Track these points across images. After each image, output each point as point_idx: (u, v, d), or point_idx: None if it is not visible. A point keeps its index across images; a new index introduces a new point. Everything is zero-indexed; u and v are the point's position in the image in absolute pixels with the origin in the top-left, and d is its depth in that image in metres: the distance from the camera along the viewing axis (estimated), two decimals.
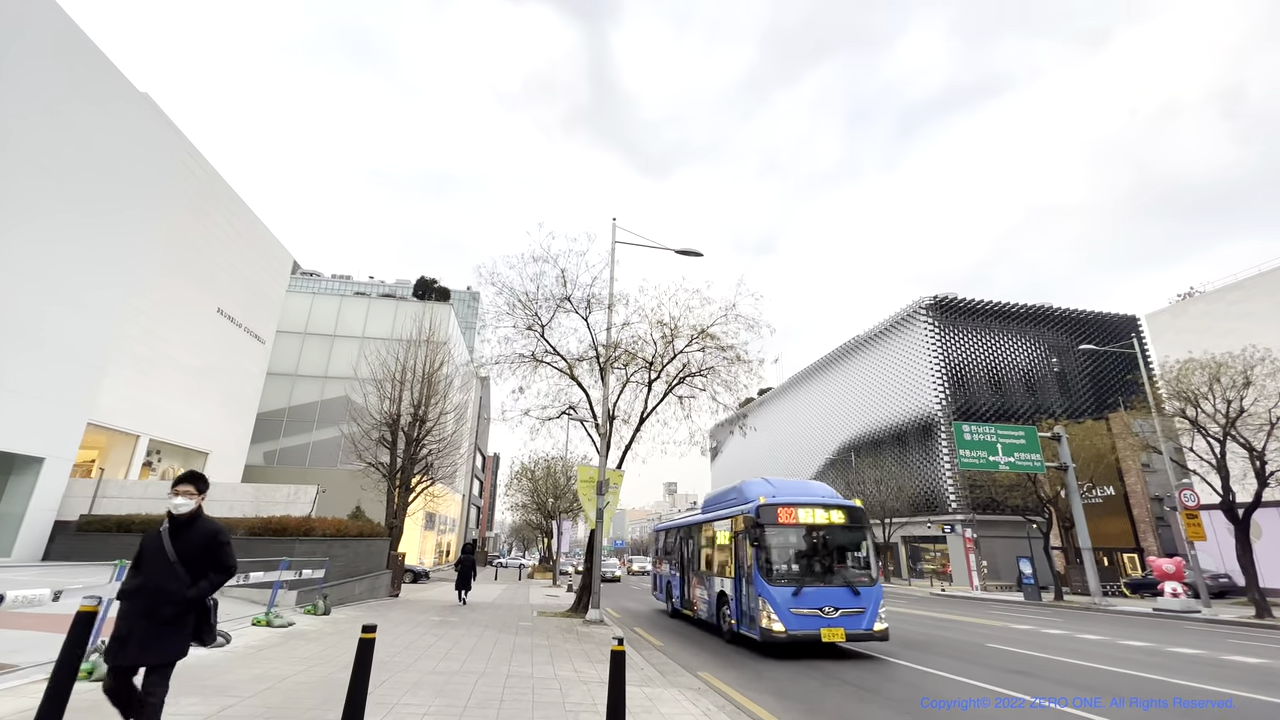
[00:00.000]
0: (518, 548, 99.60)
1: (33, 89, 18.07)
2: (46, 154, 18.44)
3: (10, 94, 17.35)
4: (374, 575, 16.08)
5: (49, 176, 18.49)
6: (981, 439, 25.29)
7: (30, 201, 17.95)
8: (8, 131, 17.28)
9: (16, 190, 17.53)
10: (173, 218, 24.84)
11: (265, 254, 32.97)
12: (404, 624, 10.92)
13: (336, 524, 13.17)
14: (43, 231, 18.35)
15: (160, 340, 24.73)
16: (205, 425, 28.08)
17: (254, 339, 32.19)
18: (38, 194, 18.16)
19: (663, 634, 12.65)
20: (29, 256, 17.91)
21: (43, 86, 18.39)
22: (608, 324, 14.20)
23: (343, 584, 13.43)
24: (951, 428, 47.41)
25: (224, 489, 19.34)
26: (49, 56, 18.67)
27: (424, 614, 13.06)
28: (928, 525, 44.63)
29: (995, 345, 50.73)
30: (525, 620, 13.01)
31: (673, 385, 14.70)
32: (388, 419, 20.60)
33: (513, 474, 39.11)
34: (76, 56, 19.73)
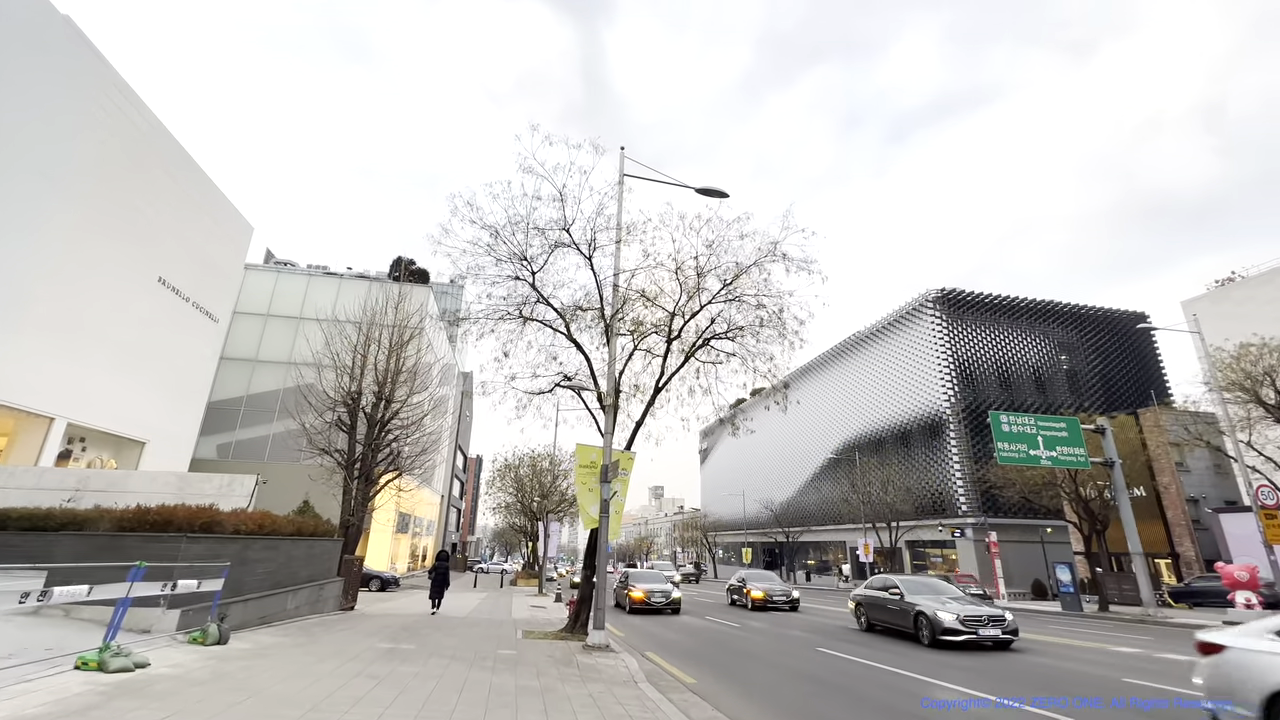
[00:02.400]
0: (500, 552, 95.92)
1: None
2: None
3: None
4: (318, 585, 12.88)
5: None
6: (1021, 431, 22.69)
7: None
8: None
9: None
10: (100, 167, 21.38)
11: (220, 222, 29.46)
12: (337, 655, 7.79)
13: (257, 518, 10.01)
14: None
15: (83, 307, 21.19)
16: (142, 410, 24.48)
17: (205, 316, 28.65)
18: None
19: (687, 662, 9.66)
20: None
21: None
22: (615, 268, 11.21)
23: (267, 597, 10.24)
24: (960, 425, 45.36)
25: (141, 478, 16.03)
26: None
27: (373, 636, 9.91)
28: (939, 529, 42.12)
29: (1003, 341, 48.61)
30: (507, 644, 9.92)
31: (696, 347, 11.73)
32: (345, 399, 17.39)
33: (495, 471, 35.87)
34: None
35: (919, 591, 12.99)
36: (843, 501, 48.04)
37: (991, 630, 11.34)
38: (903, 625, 12.84)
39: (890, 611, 13.42)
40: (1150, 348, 51.40)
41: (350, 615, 13.67)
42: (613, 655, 9.41)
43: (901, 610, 12.86)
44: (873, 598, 14.37)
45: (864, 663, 9.87)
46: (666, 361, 11.73)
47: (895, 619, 13.21)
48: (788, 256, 10.71)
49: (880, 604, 13.94)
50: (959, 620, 11.28)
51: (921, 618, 11.87)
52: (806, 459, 64.58)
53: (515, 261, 12.17)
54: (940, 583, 14.04)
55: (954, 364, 46.00)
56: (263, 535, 10.15)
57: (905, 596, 12.89)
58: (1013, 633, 11.50)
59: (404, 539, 39.80)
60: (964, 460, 43.40)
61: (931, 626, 11.47)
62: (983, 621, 11.38)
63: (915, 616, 12.16)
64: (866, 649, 11.46)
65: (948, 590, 13.35)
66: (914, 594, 12.82)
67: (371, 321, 18.56)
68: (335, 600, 14.13)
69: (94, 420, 22.23)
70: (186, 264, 26.87)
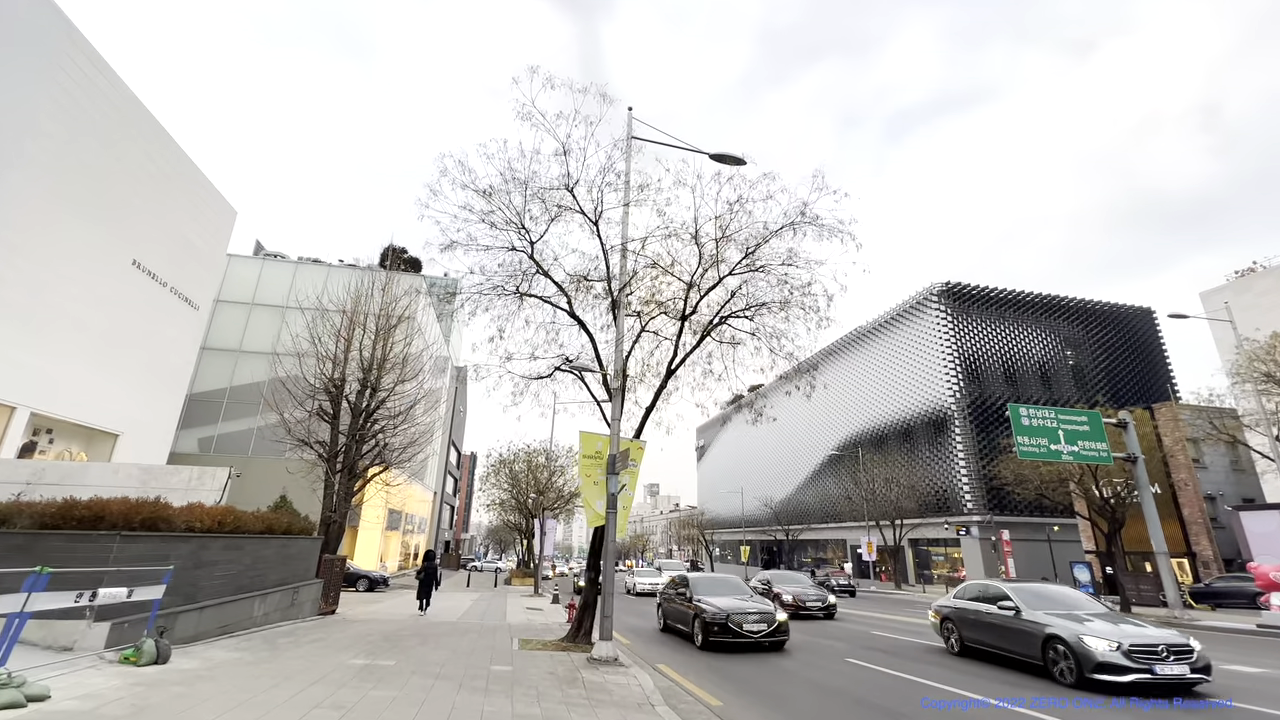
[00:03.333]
0: (494, 550, 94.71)
1: None
2: None
3: None
4: (293, 588, 11.65)
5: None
6: (1042, 424, 21.64)
7: None
8: None
9: None
10: (68, 139, 20.00)
11: (200, 204, 28.06)
12: (301, 676, 6.59)
13: (216, 514, 8.78)
14: None
15: (49, 290, 19.82)
16: (115, 401, 23.11)
17: (184, 303, 27.27)
18: None
19: (708, 678, 8.50)
20: None
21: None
22: (623, 236, 10.01)
23: (228, 604, 9.02)
24: (965, 421, 44.42)
25: (101, 470, 14.76)
26: None
27: (348, 649, 8.70)
28: (945, 527, 41.15)
29: (1009, 336, 47.70)
30: (501, 657, 8.74)
31: (712, 325, 10.55)
32: (328, 386, 16.14)
33: (489, 466, 34.66)
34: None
35: (1043, 604, 9.58)
36: (845, 499, 47.13)
37: (1174, 666, 7.83)
38: (1022, 653, 9.38)
39: (1000, 632, 9.93)
40: (1156, 343, 50.65)
41: (329, 621, 12.46)
42: (622, 670, 8.24)
43: (1021, 633, 9.38)
44: (971, 612, 10.84)
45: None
46: (680, 341, 10.56)
47: (1009, 643, 9.70)
48: (819, 220, 9.52)
49: (982, 621, 10.46)
50: (1122, 651, 7.97)
51: (1057, 646, 8.59)
52: (806, 456, 63.62)
53: (512, 230, 10.97)
54: (1071, 592, 10.42)
55: (959, 359, 45.05)
56: (223, 533, 8.91)
57: (1023, 613, 9.44)
58: (1204, 670, 7.97)
59: (395, 536, 38.52)
60: (969, 457, 42.48)
61: (1076, 659, 8.24)
62: (1159, 653, 7.96)
63: (1045, 643, 8.83)
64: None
65: (1083, 602, 9.89)
66: (1036, 608, 9.44)
67: (357, 304, 17.32)
68: (313, 604, 12.91)
69: (61, 410, 20.87)
70: (164, 247, 25.50)
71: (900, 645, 12.55)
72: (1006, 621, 9.78)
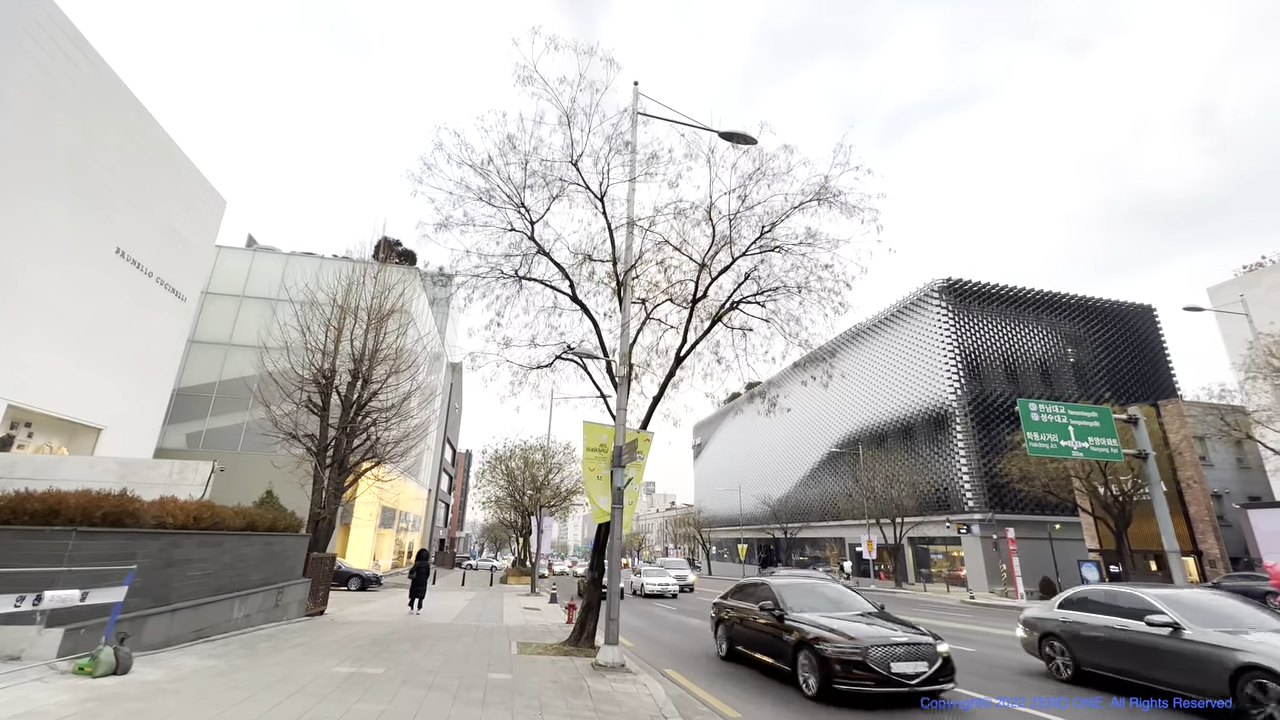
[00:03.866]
0: (489, 549, 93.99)
1: None
2: None
3: None
4: (277, 588, 10.99)
5: None
6: (1052, 420, 21.09)
7: None
8: None
9: None
10: (40, 116, 19.19)
11: (186, 192, 27.25)
12: (278, 687, 5.95)
13: (191, 509, 8.12)
14: None
15: (26, 277, 19.02)
16: (98, 394, 22.31)
17: (171, 294, 26.46)
18: None
19: (720, 684, 7.91)
20: None
21: None
22: (629, 215, 9.38)
23: (204, 606, 8.37)
24: (966, 419, 44.02)
25: (76, 463, 14.02)
26: None
27: (334, 654, 8.06)
28: (946, 525, 40.72)
29: (1010, 333, 47.31)
30: (499, 663, 8.12)
31: (724, 310, 9.93)
32: (317, 376, 15.46)
33: (485, 463, 33.98)
34: None
35: (1211, 619, 7.21)
36: (846, 497, 46.66)
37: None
38: (1187, 685, 6.91)
39: (1147, 656, 7.41)
40: (1157, 341, 50.41)
41: (316, 623, 11.80)
42: (630, 678, 7.64)
43: (1186, 657, 6.94)
44: (1092, 628, 8.22)
45: None
46: (689, 328, 9.95)
47: (1165, 672, 7.21)
48: (841, 196, 8.88)
49: (1115, 640, 7.87)
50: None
51: (1260, 680, 6.14)
52: (805, 453, 63.17)
53: (511, 209, 10.32)
54: (1231, 601, 7.86)
55: (960, 355, 44.63)
56: (199, 530, 8.26)
57: (1187, 631, 7.04)
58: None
59: (388, 534, 37.79)
60: (971, 454, 42.07)
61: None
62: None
63: (1237, 675, 6.33)
64: None
65: (1252, 615, 7.51)
66: (1204, 624, 7.09)
67: (348, 293, 16.63)
68: (300, 605, 12.25)
69: (39, 403, 20.06)
70: (149, 235, 24.69)
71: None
72: (1158, 642, 7.32)
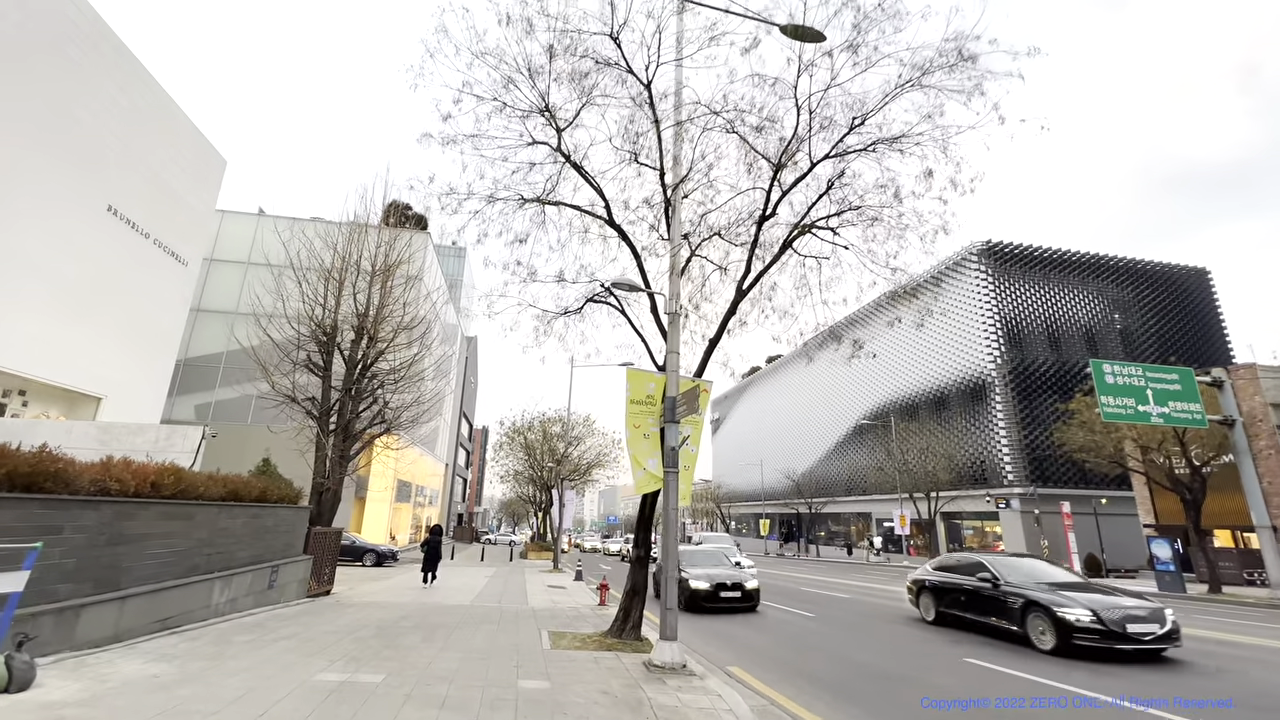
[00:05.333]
0: (507, 523, 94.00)
1: None
2: None
3: None
4: (269, 567, 9.53)
5: None
6: (1128, 383, 19.10)
7: None
8: None
9: None
10: (18, 58, 17.58)
11: (184, 149, 25.67)
12: (238, 705, 4.38)
13: (148, 473, 6.58)
14: None
15: (9, 233, 17.65)
16: (96, 361, 21.09)
17: (171, 257, 25.07)
18: None
19: (799, 687, 6.27)
20: None
21: None
22: (677, 96, 7.49)
23: (170, 590, 6.88)
24: (1006, 388, 41.74)
25: (52, 428, 12.71)
26: None
27: (325, 651, 6.54)
28: (986, 499, 38.84)
29: (1053, 298, 44.59)
30: (530, 663, 6.53)
31: (801, 229, 8.04)
32: (317, 333, 13.89)
33: (503, 434, 32.65)
34: None
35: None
36: (877, 470, 44.81)
37: None
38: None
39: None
40: (1211, 306, 47.37)
41: (318, 605, 10.38)
42: (697, 683, 6.02)
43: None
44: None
45: None
46: (753, 254, 8.07)
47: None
48: (981, 65, 6.71)
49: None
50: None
51: None
52: (829, 427, 61.26)
53: (534, 115, 8.47)
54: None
55: (1000, 322, 42.15)
56: (158, 499, 6.71)
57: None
58: None
59: (405, 509, 36.85)
60: (1011, 426, 39.93)
61: None
62: None
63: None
64: None
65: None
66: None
67: (350, 241, 14.96)
68: (300, 585, 10.84)
69: (30, 369, 18.81)
70: (143, 193, 23.17)
71: None
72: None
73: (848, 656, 8.07)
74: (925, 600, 11.35)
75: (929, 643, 9.20)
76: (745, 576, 12.76)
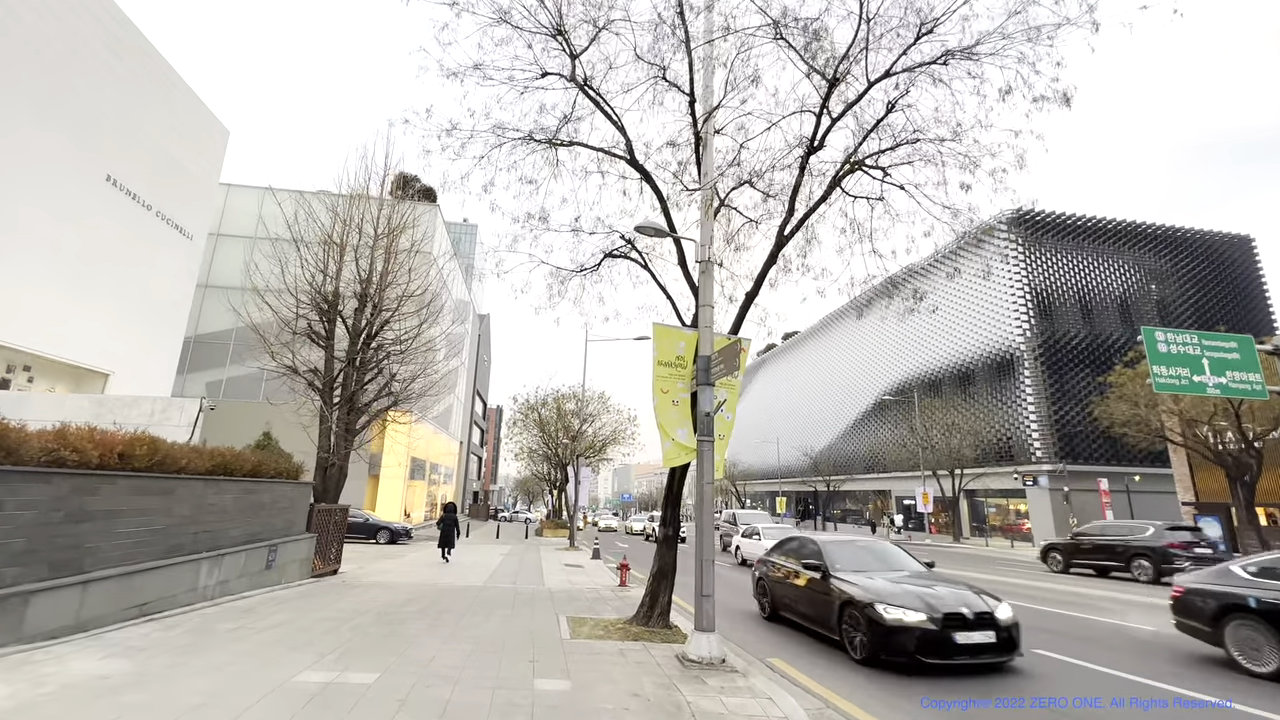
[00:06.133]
0: (522, 501, 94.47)
1: None
2: None
3: None
4: (266, 546, 8.86)
5: None
6: (1182, 351, 17.77)
7: None
8: None
9: None
10: (12, 20, 16.75)
11: (185, 120, 24.86)
12: (196, 711, 3.60)
13: (113, 442, 5.84)
14: None
15: (5, 203, 17.02)
16: (100, 336, 20.59)
17: (174, 230, 24.43)
18: None
19: (852, 685, 5.44)
20: None
21: None
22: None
23: (149, 572, 6.19)
24: (1036, 361, 40.22)
25: (44, 401, 12.17)
26: None
27: (316, 643, 5.81)
28: (1014, 477, 37.69)
29: (1084, 268, 42.71)
30: (547, 655, 5.75)
31: (843, 172, 6.99)
32: (317, 301, 13.11)
33: (517, 410, 32.03)
34: None
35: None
36: (899, 447, 43.66)
37: None
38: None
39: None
40: (1254, 275, 45.13)
41: (322, 586, 9.74)
42: (739, 680, 5.20)
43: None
44: None
45: None
46: (796, 194, 7.04)
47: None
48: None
49: None
50: None
51: None
52: (847, 404, 60.09)
53: (544, 39, 7.44)
54: None
55: (1030, 293, 40.49)
56: (128, 472, 5.97)
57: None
58: None
59: (420, 486, 36.58)
60: (1040, 400, 38.56)
61: None
62: None
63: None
64: None
65: None
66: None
67: (351, 204, 14.09)
68: (303, 565, 10.20)
69: (38, 344, 18.34)
70: (143, 164, 22.45)
71: None
72: None
73: None
74: None
75: None
76: (990, 602, 6.29)
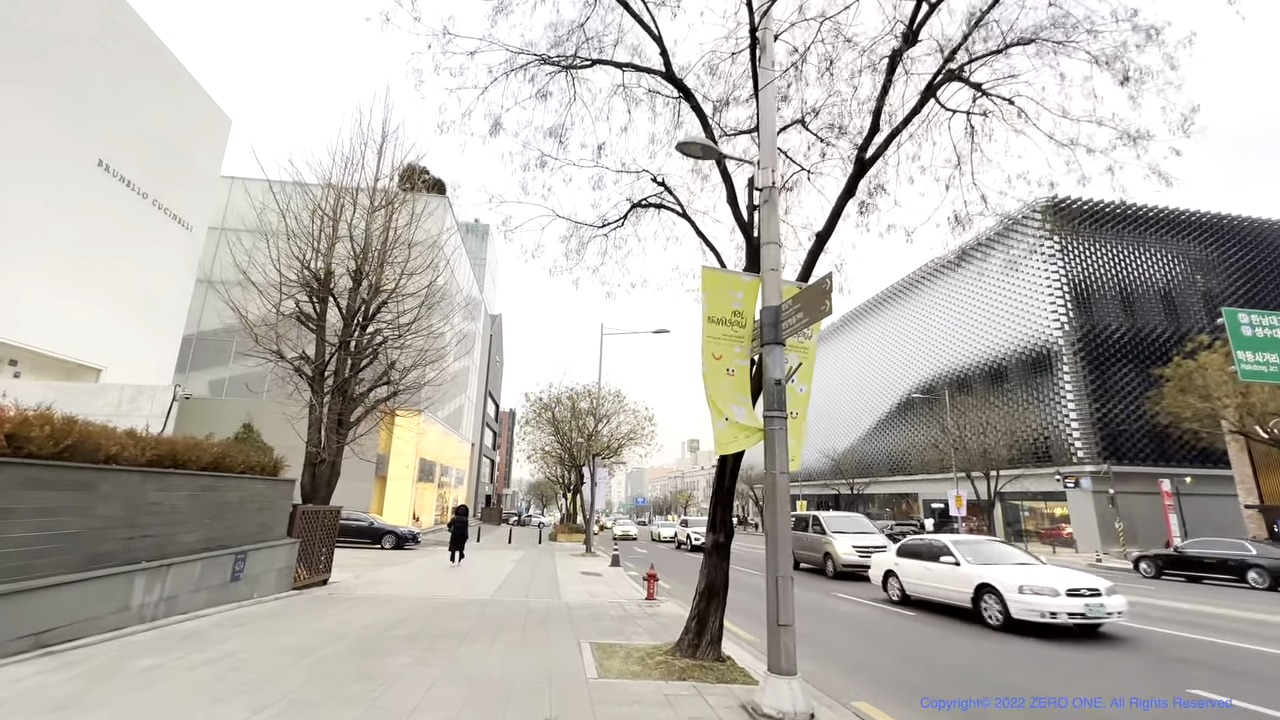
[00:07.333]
0: (536, 505, 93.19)
1: None
2: None
3: None
4: (233, 554, 7.44)
5: None
6: (1270, 335, 15.92)
7: None
8: None
9: None
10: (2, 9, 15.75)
11: (185, 107, 23.87)
12: None
13: (10, 423, 4.46)
14: None
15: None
16: (93, 330, 19.45)
17: (173, 221, 23.40)
18: None
19: None
20: None
21: None
22: None
23: (49, 590, 4.76)
24: (1075, 357, 38.07)
25: None
26: None
27: (255, 687, 4.34)
28: (1056, 478, 35.54)
29: (1125, 258, 40.46)
30: (567, 695, 4.21)
31: (947, 75, 5.45)
32: (307, 281, 11.78)
33: (530, 408, 30.66)
34: None
35: None
36: (930, 447, 41.60)
37: None
38: None
39: None
40: None
41: (300, 601, 8.30)
42: None
43: None
44: None
45: None
46: (883, 102, 5.50)
47: None
48: None
49: None
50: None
51: None
52: (870, 405, 58.03)
53: None
54: None
55: (1068, 286, 38.35)
56: (17, 460, 4.56)
57: None
58: None
59: (429, 489, 35.32)
60: (1080, 398, 36.39)
61: None
62: None
63: None
64: None
65: None
66: None
67: (346, 168, 12.78)
68: (282, 575, 8.78)
69: (27, 338, 17.19)
70: (139, 149, 21.43)
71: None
72: None
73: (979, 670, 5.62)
74: None
75: None
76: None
